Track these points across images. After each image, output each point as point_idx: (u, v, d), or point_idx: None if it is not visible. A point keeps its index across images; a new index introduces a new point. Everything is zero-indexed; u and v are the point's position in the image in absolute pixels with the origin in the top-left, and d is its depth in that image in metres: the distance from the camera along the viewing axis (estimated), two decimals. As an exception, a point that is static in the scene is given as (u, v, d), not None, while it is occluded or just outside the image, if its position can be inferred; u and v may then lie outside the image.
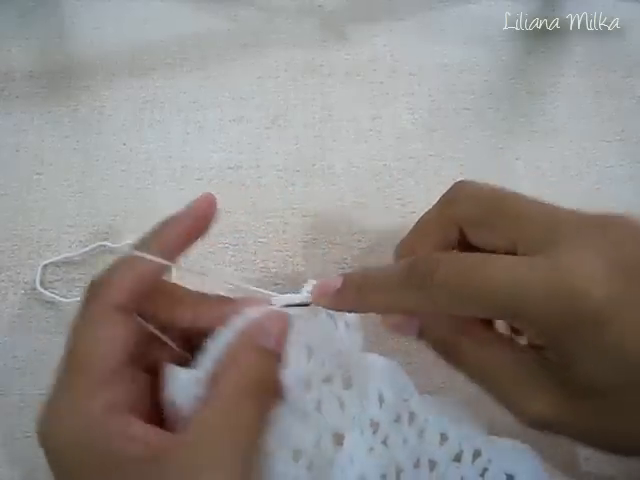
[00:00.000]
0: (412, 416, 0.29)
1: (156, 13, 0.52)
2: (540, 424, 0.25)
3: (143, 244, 0.28)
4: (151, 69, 0.49)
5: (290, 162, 0.45)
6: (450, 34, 0.52)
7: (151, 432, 0.25)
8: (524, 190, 0.45)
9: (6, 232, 0.42)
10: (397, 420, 0.29)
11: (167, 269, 0.29)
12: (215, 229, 0.43)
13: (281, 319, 0.28)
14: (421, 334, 0.29)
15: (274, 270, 0.41)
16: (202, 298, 0.30)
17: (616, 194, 0.45)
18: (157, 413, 0.27)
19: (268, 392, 0.27)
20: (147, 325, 0.28)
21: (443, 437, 0.29)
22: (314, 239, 0.42)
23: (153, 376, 0.28)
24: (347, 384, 0.29)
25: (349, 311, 0.28)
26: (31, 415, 0.36)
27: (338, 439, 0.29)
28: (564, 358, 0.24)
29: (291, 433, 0.27)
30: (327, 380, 0.29)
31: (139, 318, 0.28)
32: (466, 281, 0.24)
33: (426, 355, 0.38)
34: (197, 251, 0.41)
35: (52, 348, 0.38)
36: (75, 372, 0.26)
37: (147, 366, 0.29)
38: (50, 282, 0.40)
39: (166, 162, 0.45)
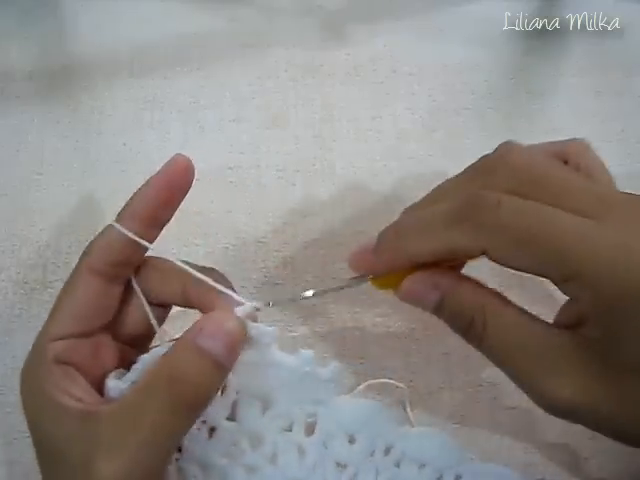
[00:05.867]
0: (388, 449, 0.30)
1: (156, 13, 0.52)
2: (564, 410, 0.24)
3: (118, 214, 0.29)
4: (151, 69, 0.49)
5: (290, 162, 0.45)
6: (450, 34, 0.52)
7: (88, 393, 0.27)
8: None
9: (6, 232, 0.42)
10: (371, 454, 0.29)
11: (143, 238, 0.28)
12: (215, 229, 0.43)
13: (219, 321, 0.26)
14: (438, 307, 0.26)
15: (274, 270, 0.41)
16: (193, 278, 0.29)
17: (616, 194, 0.45)
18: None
19: (190, 393, 0.25)
20: (139, 292, 0.29)
21: (421, 466, 0.29)
22: (314, 239, 0.42)
23: (127, 347, 0.30)
24: (310, 430, 0.29)
25: (389, 270, 0.27)
26: (31, 415, 0.36)
27: None
28: (612, 332, 0.23)
29: None
30: (287, 429, 0.29)
31: (135, 285, 0.29)
32: (531, 228, 0.23)
33: (426, 355, 0.38)
34: (197, 251, 0.41)
35: (52, 348, 0.38)
36: (46, 324, 0.28)
37: (125, 338, 0.30)
38: (50, 282, 0.40)
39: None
